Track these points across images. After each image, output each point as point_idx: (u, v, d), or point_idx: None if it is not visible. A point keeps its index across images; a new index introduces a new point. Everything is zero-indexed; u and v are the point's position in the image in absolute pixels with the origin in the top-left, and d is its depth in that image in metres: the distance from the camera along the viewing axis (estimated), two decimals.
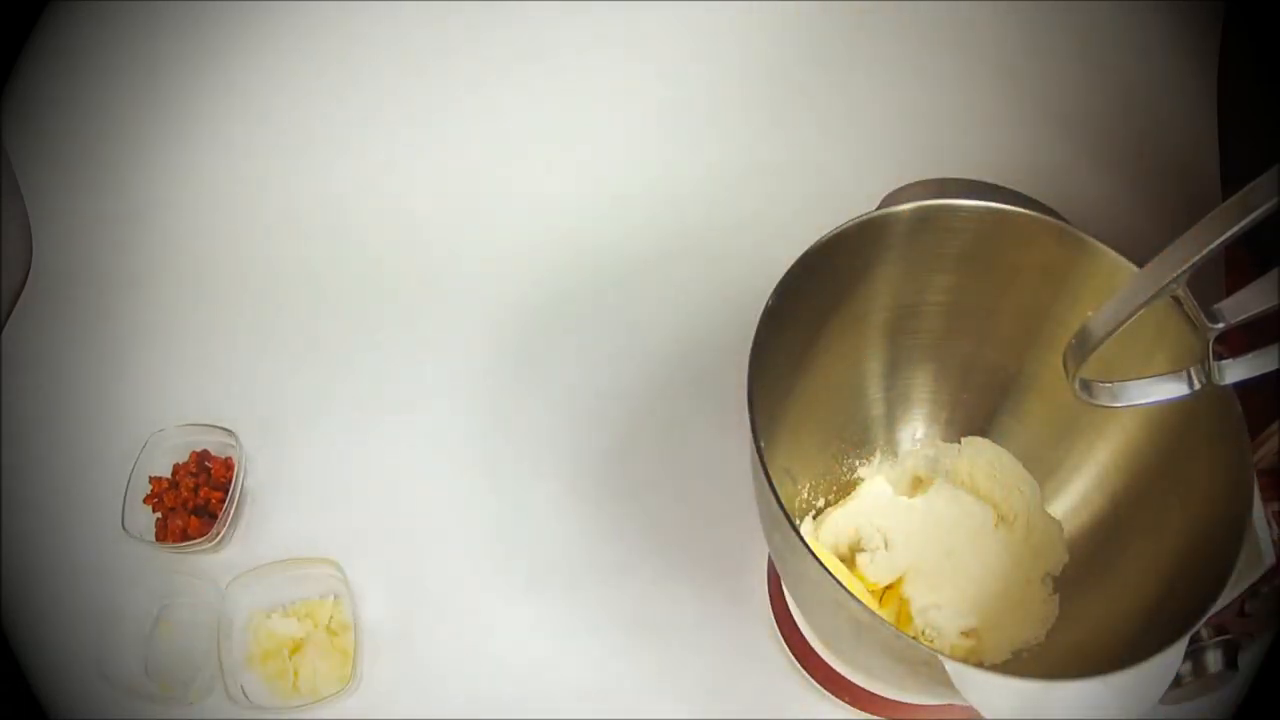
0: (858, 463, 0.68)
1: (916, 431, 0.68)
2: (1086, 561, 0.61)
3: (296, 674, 0.66)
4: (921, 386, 0.67)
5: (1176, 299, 0.40)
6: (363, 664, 0.67)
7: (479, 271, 0.86)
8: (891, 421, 0.68)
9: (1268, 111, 0.73)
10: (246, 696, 0.64)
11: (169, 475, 0.73)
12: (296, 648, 0.67)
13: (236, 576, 0.67)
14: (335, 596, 0.69)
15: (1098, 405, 0.45)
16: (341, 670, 0.66)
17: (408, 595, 0.70)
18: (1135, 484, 0.59)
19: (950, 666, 0.41)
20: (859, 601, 0.42)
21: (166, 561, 0.71)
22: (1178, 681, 0.55)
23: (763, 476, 0.46)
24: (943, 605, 0.61)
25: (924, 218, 0.56)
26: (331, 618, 0.69)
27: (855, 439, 0.67)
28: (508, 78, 0.90)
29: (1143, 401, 0.45)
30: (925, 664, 0.42)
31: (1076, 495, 0.63)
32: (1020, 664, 0.59)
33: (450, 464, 0.76)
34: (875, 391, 0.66)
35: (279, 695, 0.65)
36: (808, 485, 0.66)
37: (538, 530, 0.73)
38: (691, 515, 0.73)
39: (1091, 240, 0.54)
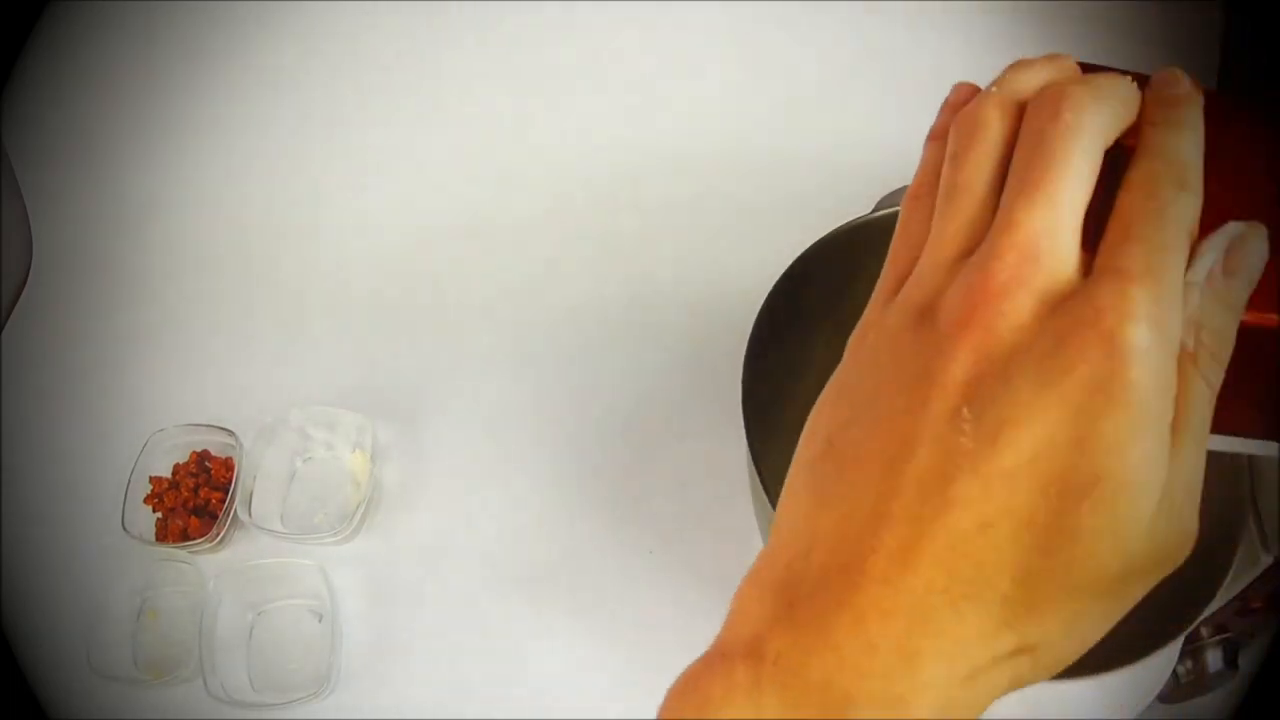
0: None
1: None
2: None
3: None
4: None
5: None
6: (349, 663, 0.67)
7: (480, 272, 0.87)
8: None
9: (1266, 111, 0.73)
10: (226, 692, 0.64)
11: (169, 475, 0.74)
12: None
13: (220, 575, 0.67)
14: (317, 597, 0.69)
15: None
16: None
17: (404, 595, 0.70)
18: None
19: None
20: None
21: (152, 550, 0.71)
22: (1177, 681, 0.55)
23: (757, 479, 0.46)
24: None
25: None
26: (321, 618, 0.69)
27: None
28: (511, 76, 0.90)
29: None
30: None
31: None
32: None
33: (449, 465, 0.76)
34: None
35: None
36: None
37: (537, 531, 0.73)
38: (691, 515, 0.73)
39: None
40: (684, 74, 0.90)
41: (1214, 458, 0.34)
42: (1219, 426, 0.31)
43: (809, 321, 0.58)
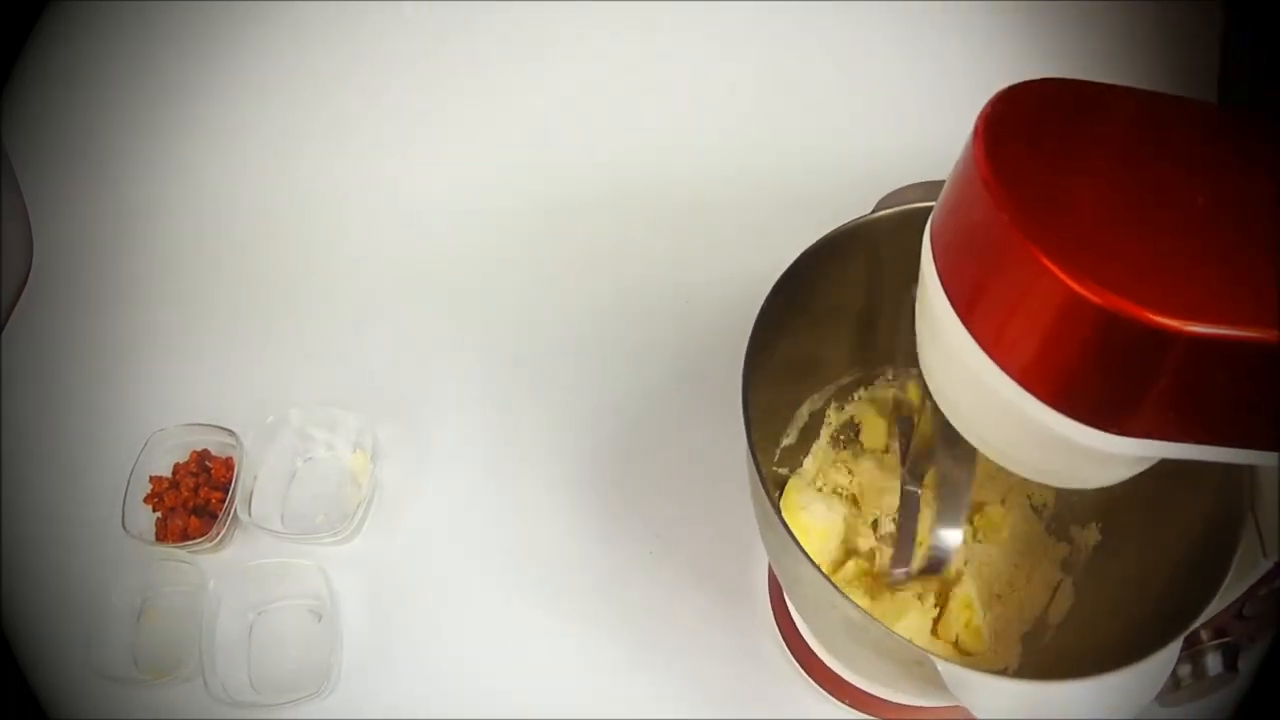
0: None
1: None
2: (1084, 562, 0.61)
3: None
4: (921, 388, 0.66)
5: None
6: (349, 663, 0.67)
7: (481, 274, 0.87)
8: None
9: (1267, 111, 0.73)
10: (226, 692, 0.64)
11: (169, 475, 0.74)
12: None
13: (220, 575, 0.67)
14: (317, 597, 0.69)
15: None
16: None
17: (403, 597, 0.70)
18: (1132, 484, 0.58)
19: (942, 667, 0.40)
20: (851, 601, 0.42)
21: (152, 550, 0.71)
22: (1177, 684, 0.55)
23: (757, 479, 0.46)
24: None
25: (921, 220, 0.56)
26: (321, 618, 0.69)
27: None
28: (511, 76, 0.90)
29: None
30: (918, 664, 0.42)
31: (1074, 496, 0.63)
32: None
33: (450, 465, 0.76)
34: (874, 393, 0.66)
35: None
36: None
37: (537, 531, 0.73)
38: (692, 515, 0.73)
39: None
40: (684, 78, 0.90)
41: (1215, 466, 0.34)
42: (1222, 437, 0.31)
43: (810, 321, 0.58)
